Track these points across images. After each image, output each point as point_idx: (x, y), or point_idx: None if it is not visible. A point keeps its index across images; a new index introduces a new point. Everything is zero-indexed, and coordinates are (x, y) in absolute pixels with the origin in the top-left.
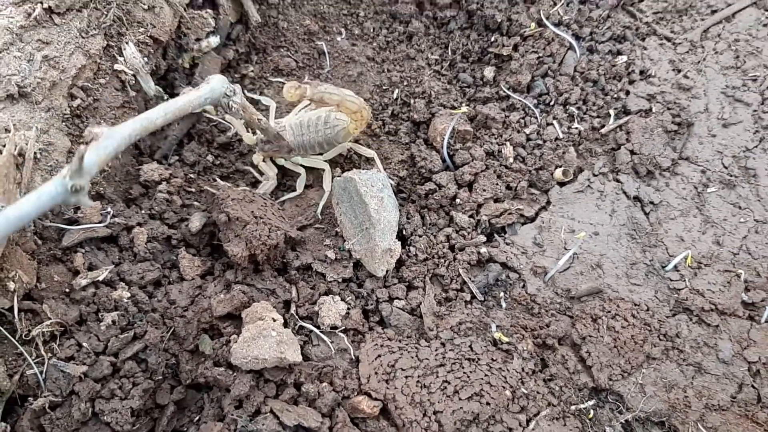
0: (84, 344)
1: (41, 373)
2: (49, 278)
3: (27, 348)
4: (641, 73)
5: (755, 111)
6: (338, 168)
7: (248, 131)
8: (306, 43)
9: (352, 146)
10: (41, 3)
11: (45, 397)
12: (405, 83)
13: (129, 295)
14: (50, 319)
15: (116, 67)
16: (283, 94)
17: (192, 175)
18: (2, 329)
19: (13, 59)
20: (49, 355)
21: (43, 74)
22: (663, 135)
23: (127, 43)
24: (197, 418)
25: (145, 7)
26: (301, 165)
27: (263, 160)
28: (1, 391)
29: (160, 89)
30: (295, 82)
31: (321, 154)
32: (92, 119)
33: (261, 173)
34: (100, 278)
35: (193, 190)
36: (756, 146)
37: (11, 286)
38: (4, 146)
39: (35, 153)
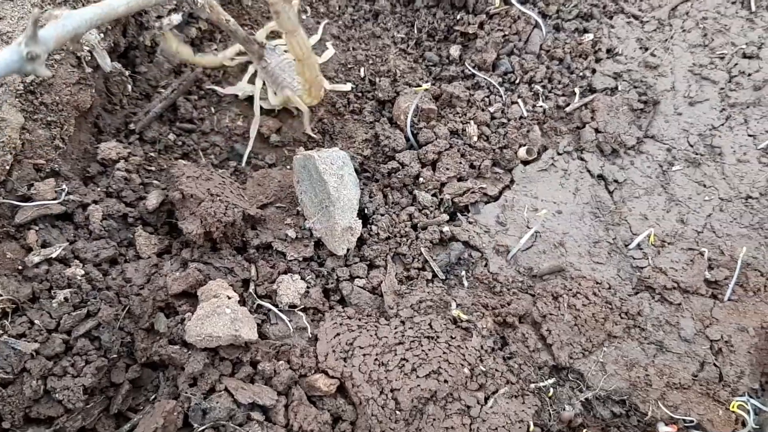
0: (36, 321)
1: None
2: (1, 255)
3: None
4: (608, 51)
5: (722, 89)
6: (301, 147)
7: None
8: (270, 20)
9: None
10: None
11: None
12: (370, 62)
13: (83, 272)
14: (1, 296)
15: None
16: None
17: (152, 154)
18: None
19: None
20: (0, 332)
21: None
22: (629, 113)
23: None
24: (153, 396)
25: None
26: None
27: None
28: None
29: (118, 65)
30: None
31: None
32: (46, 95)
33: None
34: (53, 255)
35: (153, 168)
36: (722, 124)
37: None
38: None
39: None
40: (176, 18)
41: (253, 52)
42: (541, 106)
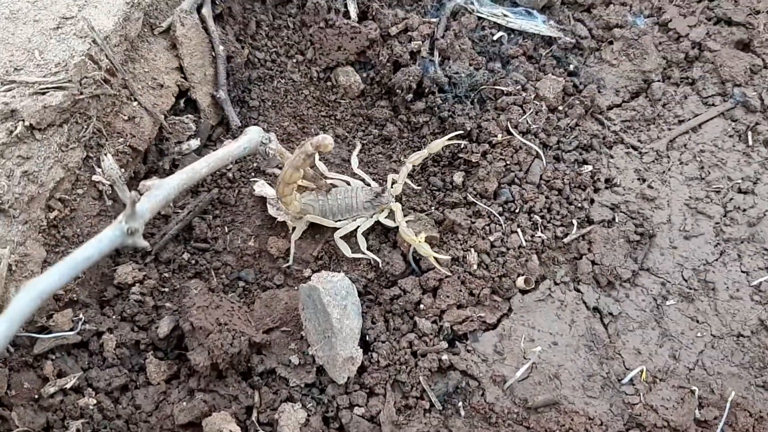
0: None
1: None
2: (19, 385)
3: None
4: (606, 181)
5: (717, 224)
6: (308, 269)
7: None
8: (284, 143)
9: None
10: (23, 121)
11: None
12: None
13: (95, 402)
14: (18, 427)
15: (94, 178)
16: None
17: (166, 274)
18: None
19: None
20: None
21: (21, 189)
22: (625, 245)
23: (105, 154)
24: None
25: (126, 117)
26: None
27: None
28: None
29: (138, 194)
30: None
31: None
32: (68, 228)
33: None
34: (68, 386)
35: (166, 289)
36: (716, 260)
37: None
38: None
39: (10, 264)
40: (195, 143)
41: (321, 186)
42: (539, 236)
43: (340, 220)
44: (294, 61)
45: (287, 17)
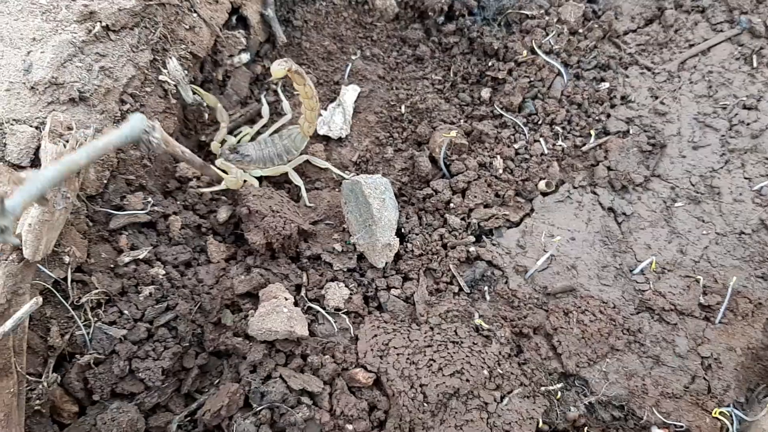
0: (125, 312)
1: (88, 334)
2: (97, 255)
3: (77, 312)
4: (622, 98)
5: (723, 136)
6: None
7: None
8: (325, 61)
9: (309, 158)
10: (100, 22)
11: (90, 354)
12: (411, 100)
13: (164, 272)
14: (97, 288)
15: (160, 77)
16: (272, 72)
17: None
18: (58, 295)
19: (75, 68)
20: (95, 319)
21: (99, 82)
22: (638, 154)
23: (170, 57)
24: (217, 381)
25: (187, 27)
26: (261, 176)
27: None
28: (53, 347)
29: (198, 97)
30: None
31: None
32: None
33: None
34: (141, 257)
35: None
36: (721, 167)
37: (66, 259)
38: (68, 141)
39: None
40: (245, 57)
41: (211, 175)
42: (560, 145)
43: (275, 166)
44: None
45: None
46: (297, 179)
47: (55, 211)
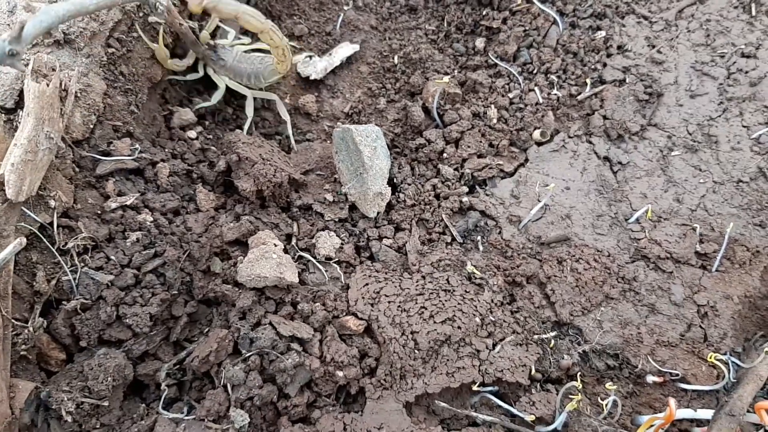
0: (112, 257)
1: (74, 279)
2: (84, 200)
3: (63, 258)
4: (618, 47)
5: (721, 84)
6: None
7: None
8: (316, 12)
9: (276, 102)
10: None
11: (77, 300)
12: (404, 50)
13: (152, 219)
14: (84, 234)
15: (150, 19)
16: (189, 7)
17: (212, 125)
18: (44, 240)
19: None
20: (82, 264)
21: (85, 24)
22: (634, 103)
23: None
24: (207, 330)
25: None
26: (226, 84)
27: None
28: (40, 293)
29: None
30: None
31: (248, 87)
32: (124, 66)
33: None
34: (128, 203)
35: (210, 136)
36: (719, 116)
37: (52, 203)
38: (51, 81)
39: (76, 92)
40: None
41: (196, 52)
42: (555, 94)
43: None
44: None
45: None
46: (250, 108)
47: (38, 151)
